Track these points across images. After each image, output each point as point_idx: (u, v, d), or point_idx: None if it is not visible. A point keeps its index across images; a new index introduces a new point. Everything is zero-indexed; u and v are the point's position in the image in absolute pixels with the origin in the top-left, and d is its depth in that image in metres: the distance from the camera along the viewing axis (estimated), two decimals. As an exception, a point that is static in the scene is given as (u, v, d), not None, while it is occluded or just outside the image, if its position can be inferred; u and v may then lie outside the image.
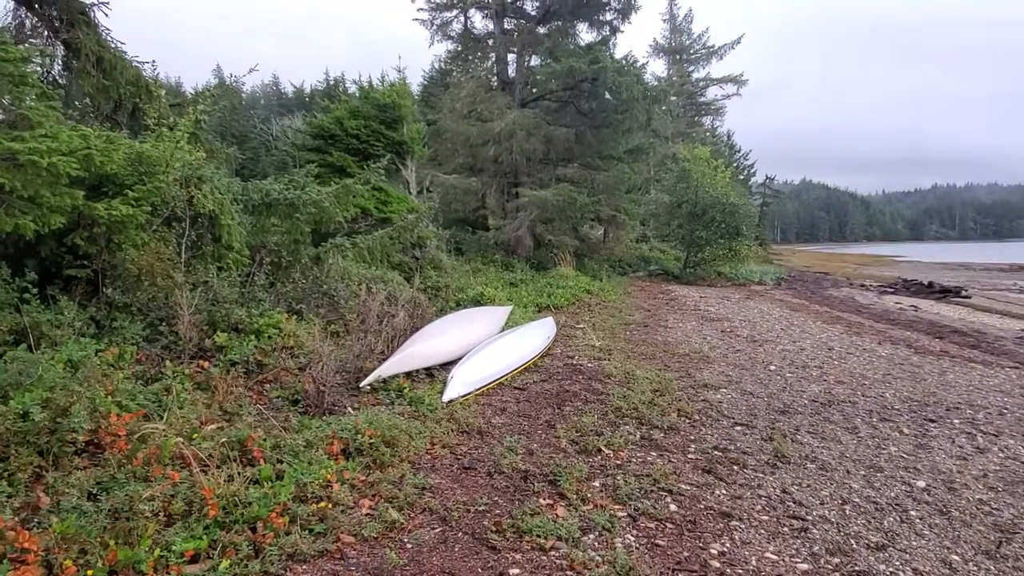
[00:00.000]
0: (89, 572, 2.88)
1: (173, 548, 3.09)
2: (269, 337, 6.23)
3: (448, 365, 7.00)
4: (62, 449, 3.79)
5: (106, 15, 7.43)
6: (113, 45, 7.50)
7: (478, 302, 10.72)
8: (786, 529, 3.85)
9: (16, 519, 3.18)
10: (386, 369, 6.33)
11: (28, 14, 6.68)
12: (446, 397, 6.01)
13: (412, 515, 3.84)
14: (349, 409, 5.53)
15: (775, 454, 5.07)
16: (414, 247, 11.29)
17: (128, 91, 7.42)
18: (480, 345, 7.49)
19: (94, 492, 3.50)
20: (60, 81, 7.06)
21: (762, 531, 3.82)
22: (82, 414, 3.92)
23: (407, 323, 7.85)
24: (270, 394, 5.47)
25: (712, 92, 40.35)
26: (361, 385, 6.03)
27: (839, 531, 3.84)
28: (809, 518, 4.00)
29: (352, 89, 16.30)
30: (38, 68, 6.46)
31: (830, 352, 9.51)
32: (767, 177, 49.07)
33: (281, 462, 4.17)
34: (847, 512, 4.10)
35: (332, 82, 20.82)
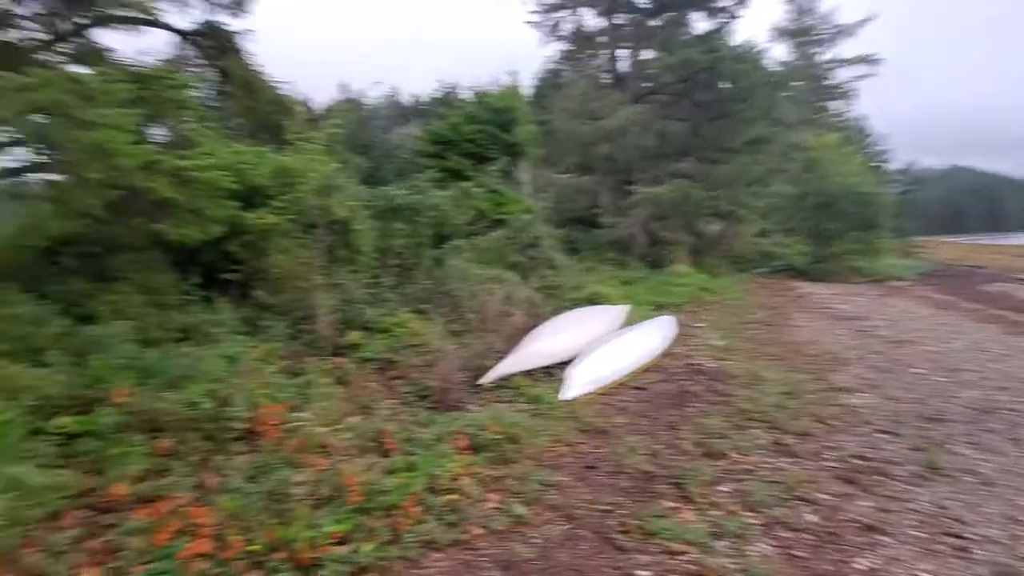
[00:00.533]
0: (253, 547, 3.19)
1: (322, 530, 3.34)
2: (397, 335, 6.56)
3: (565, 364, 7.01)
4: (224, 435, 4.22)
5: (252, 43, 8.17)
6: (257, 69, 8.22)
7: (593, 301, 10.66)
8: (943, 547, 3.53)
9: (191, 497, 3.58)
10: (505, 367, 6.47)
11: (189, 46, 7.51)
12: (565, 396, 6.04)
13: (538, 511, 3.90)
14: (472, 406, 5.70)
15: (926, 465, 4.65)
16: (529, 247, 11.42)
17: (270, 109, 8.11)
18: (597, 344, 7.45)
19: (253, 475, 3.86)
20: (215, 104, 7.87)
21: (914, 548, 3.53)
22: (241, 404, 4.35)
23: (524, 322, 7.96)
24: (400, 389, 5.76)
25: (842, 74, 37.50)
26: (482, 382, 6.20)
27: (1008, 552, 3.47)
28: (970, 536, 3.64)
29: (465, 96, 16.76)
30: (198, 93, 7.22)
31: (986, 354, 8.56)
32: (907, 163, 44.87)
33: (413, 454, 4.38)
34: (1016, 532, 3.69)
35: (446, 91, 21.55)
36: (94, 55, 6.99)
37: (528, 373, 6.62)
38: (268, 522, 3.35)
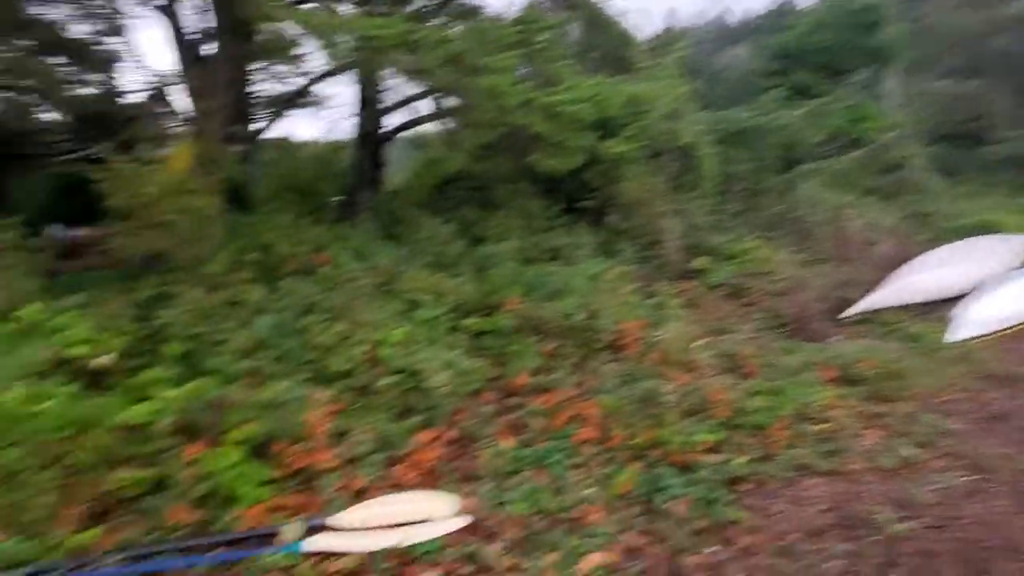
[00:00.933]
0: (633, 441, 3.51)
1: (693, 437, 3.50)
2: (744, 262, 6.35)
3: (949, 301, 5.96)
4: (593, 344, 4.66)
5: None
6: (601, 4, 8.44)
7: (980, 230, 8.77)
8: None
9: (574, 392, 4.07)
10: (872, 300, 5.80)
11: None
12: (953, 337, 5.18)
13: (932, 455, 3.48)
14: (834, 338, 5.27)
15: None
16: (892, 169, 9.83)
17: (615, 42, 8.30)
18: (995, 281, 6.13)
19: (623, 381, 4.20)
20: (568, 42, 8.37)
21: None
22: (606, 318, 4.74)
23: (892, 252, 6.96)
24: (752, 316, 5.61)
25: None
26: (844, 315, 5.66)
27: None
28: None
29: (808, 4, 14.84)
30: (558, 34, 7.75)
31: None
32: None
33: (775, 380, 4.26)
34: None
35: (781, 2, 19.48)
36: (469, 12, 7.98)
37: (900, 309, 5.82)
38: (643, 422, 3.64)
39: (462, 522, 2.83)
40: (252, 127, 7.31)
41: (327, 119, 7.96)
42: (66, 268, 5.53)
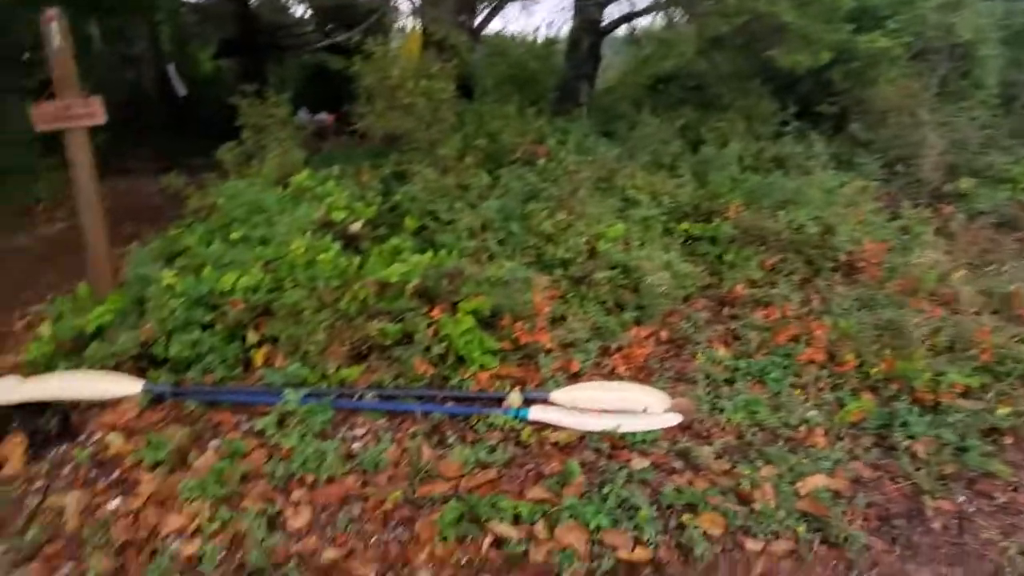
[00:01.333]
0: (868, 370, 3.19)
1: (944, 377, 3.08)
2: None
3: None
4: (823, 263, 4.23)
5: None
6: None
7: None
8: None
9: (798, 311, 3.76)
10: None
11: None
12: None
13: None
14: None
15: None
16: None
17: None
18: None
19: (859, 306, 3.79)
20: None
21: None
22: (843, 236, 4.26)
23: None
24: (1026, 253, 4.73)
25: None
26: None
27: None
28: None
29: None
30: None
31: None
32: None
33: (1058, 329, 3.58)
34: None
35: None
36: None
37: None
38: (881, 352, 3.28)
39: (674, 420, 2.80)
40: (476, 19, 7.37)
41: (545, 13, 7.77)
42: (317, 147, 6.19)
